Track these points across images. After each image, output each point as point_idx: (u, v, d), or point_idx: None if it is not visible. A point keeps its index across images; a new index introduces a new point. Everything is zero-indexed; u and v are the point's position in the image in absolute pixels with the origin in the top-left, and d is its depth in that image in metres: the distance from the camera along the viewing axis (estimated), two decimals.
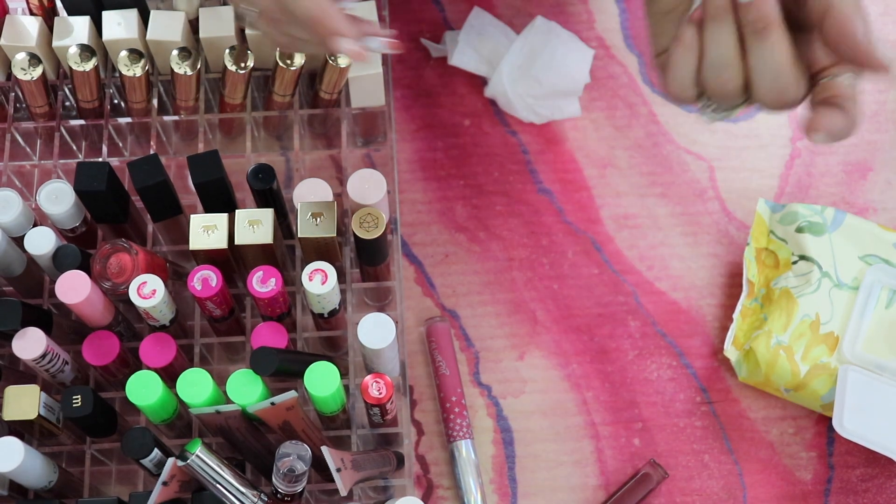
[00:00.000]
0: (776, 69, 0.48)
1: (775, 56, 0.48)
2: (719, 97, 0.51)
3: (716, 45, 0.49)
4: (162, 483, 0.53)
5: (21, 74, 0.64)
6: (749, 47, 0.48)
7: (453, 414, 0.67)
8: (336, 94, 0.69)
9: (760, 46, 0.48)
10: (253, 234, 0.60)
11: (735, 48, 0.49)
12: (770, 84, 0.49)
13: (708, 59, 0.49)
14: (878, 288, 0.67)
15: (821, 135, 0.48)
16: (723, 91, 0.50)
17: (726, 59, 0.49)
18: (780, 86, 0.49)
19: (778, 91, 0.49)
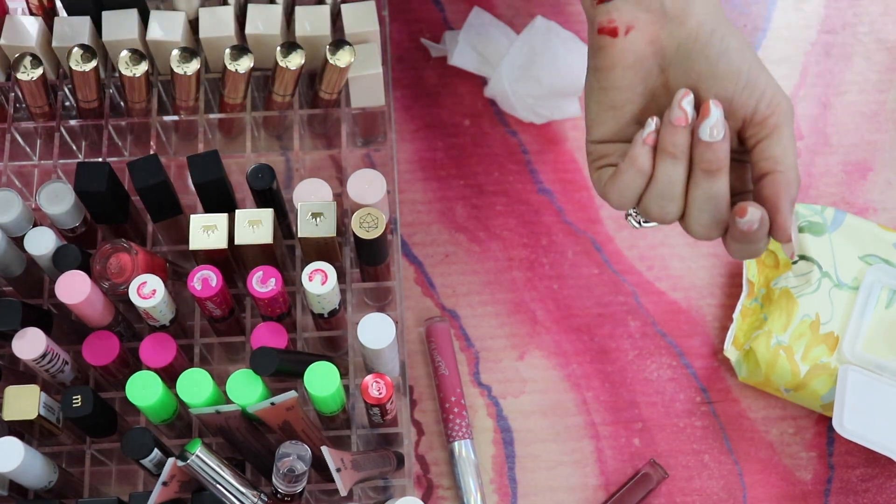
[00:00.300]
0: (715, 206, 0.50)
1: (718, 195, 0.49)
2: (654, 220, 0.52)
3: (667, 179, 0.50)
4: (162, 483, 0.53)
5: (21, 74, 0.64)
6: (695, 181, 0.50)
7: (453, 414, 0.67)
8: (336, 94, 0.69)
9: (707, 184, 0.49)
10: (253, 234, 0.60)
11: (684, 183, 0.50)
12: (706, 217, 0.50)
13: (656, 189, 0.50)
14: (878, 288, 0.67)
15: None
16: (660, 216, 0.51)
17: (674, 193, 0.50)
18: (714, 220, 0.50)
19: (710, 224, 0.51)
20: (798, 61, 0.80)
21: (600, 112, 0.52)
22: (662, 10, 0.50)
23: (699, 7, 0.50)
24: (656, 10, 0.50)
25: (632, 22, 0.50)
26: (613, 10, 0.50)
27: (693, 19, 0.50)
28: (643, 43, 0.50)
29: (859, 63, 0.80)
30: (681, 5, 0.50)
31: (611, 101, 0.51)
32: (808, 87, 0.79)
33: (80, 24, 0.68)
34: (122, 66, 0.65)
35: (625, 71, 0.50)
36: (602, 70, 0.51)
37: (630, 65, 0.50)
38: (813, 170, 0.76)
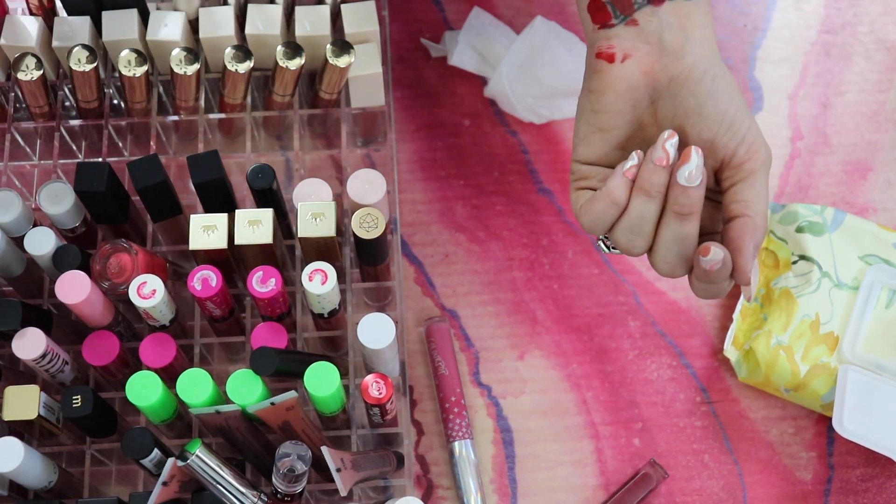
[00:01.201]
0: (682, 247, 0.51)
1: (686, 237, 0.51)
2: (622, 251, 0.53)
3: (639, 215, 0.51)
4: (162, 483, 0.53)
5: (21, 74, 0.64)
6: (666, 221, 0.51)
7: (453, 414, 0.67)
8: (336, 94, 0.69)
9: (677, 225, 0.50)
10: (253, 234, 0.60)
11: (655, 221, 0.51)
12: (672, 256, 0.51)
13: (628, 222, 0.51)
14: (878, 288, 0.67)
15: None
16: (628, 249, 0.52)
17: (645, 229, 0.51)
18: (680, 259, 0.51)
19: (676, 263, 0.52)
20: (798, 61, 0.80)
21: (588, 133, 0.53)
22: (661, 43, 0.51)
23: (696, 46, 0.51)
24: (655, 42, 0.51)
25: (630, 51, 0.51)
26: (614, 36, 0.52)
27: (689, 57, 0.51)
28: (638, 72, 0.51)
29: (859, 63, 0.80)
30: (679, 42, 0.51)
31: (600, 123, 0.52)
32: (808, 87, 0.79)
33: (80, 24, 0.68)
34: (122, 66, 0.65)
35: (617, 97, 0.52)
36: (595, 93, 0.52)
37: (622, 91, 0.51)
38: (813, 170, 0.76)
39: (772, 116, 0.78)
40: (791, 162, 0.76)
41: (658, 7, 0.51)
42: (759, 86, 0.79)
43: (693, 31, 0.51)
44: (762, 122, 0.78)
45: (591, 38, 0.53)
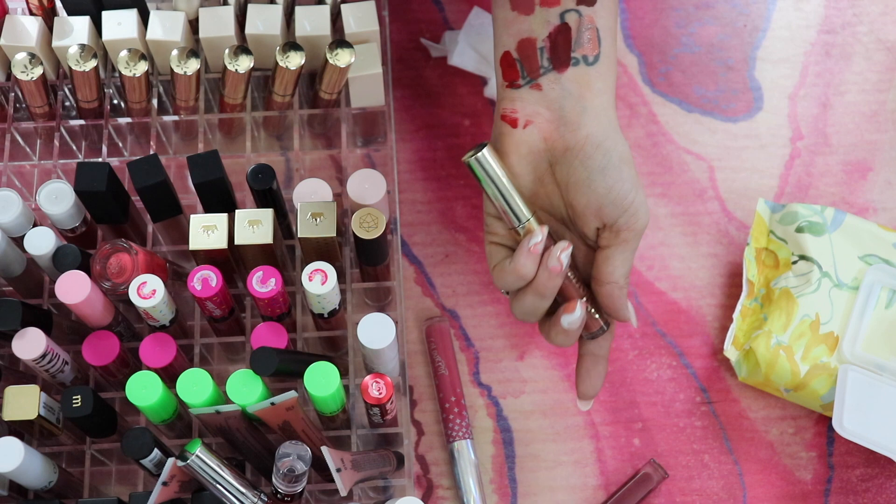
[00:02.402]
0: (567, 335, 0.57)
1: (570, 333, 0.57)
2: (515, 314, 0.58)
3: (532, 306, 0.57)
4: (162, 483, 0.53)
5: (21, 74, 0.64)
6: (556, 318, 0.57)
7: (453, 414, 0.67)
8: (336, 94, 0.69)
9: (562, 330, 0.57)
10: (253, 234, 0.60)
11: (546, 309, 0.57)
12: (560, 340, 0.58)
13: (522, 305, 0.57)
14: (878, 288, 0.67)
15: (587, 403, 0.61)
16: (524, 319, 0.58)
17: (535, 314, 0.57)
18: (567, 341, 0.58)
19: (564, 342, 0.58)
20: (798, 61, 0.80)
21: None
22: (561, 111, 0.54)
23: (592, 119, 0.54)
24: (556, 110, 0.55)
25: (532, 117, 0.55)
26: (518, 98, 0.55)
27: (584, 130, 0.54)
28: (538, 138, 0.55)
29: (859, 63, 0.80)
30: (577, 112, 0.54)
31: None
32: (808, 87, 0.79)
33: (80, 24, 0.68)
34: (122, 66, 0.65)
35: (519, 159, 0.55)
36: (500, 154, 0.56)
37: (524, 155, 0.55)
38: (813, 170, 0.76)
39: (772, 116, 0.78)
40: (791, 162, 0.76)
41: (562, 74, 0.55)
42: (759, 86, 0.79)
43: (592, 100, 0.54)
44: (762, 121, 0.78)
45: (500, 95, 0.57)
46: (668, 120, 0.78)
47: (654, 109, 0.78)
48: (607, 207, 0.54)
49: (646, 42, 0.81)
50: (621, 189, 0.54)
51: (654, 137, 0.77)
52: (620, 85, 0.79)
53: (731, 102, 0.79)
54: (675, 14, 0.82)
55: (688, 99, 0.79)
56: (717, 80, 0.79)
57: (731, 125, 0.78)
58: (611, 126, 0.55)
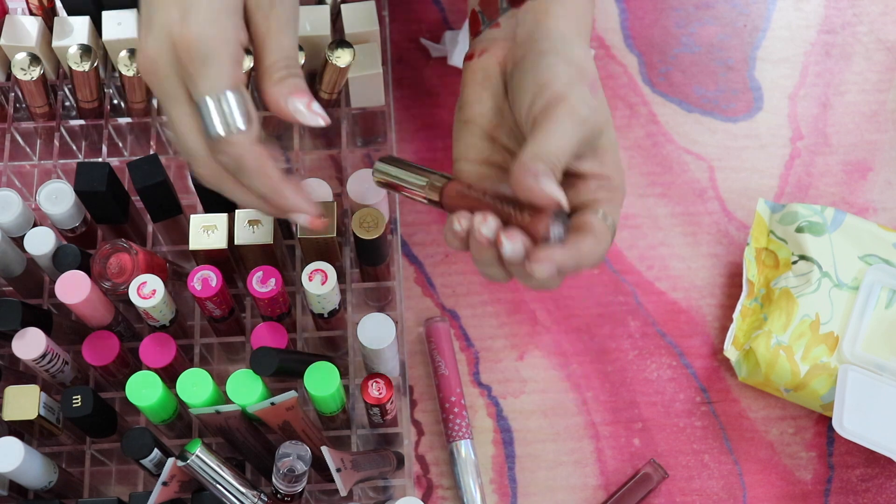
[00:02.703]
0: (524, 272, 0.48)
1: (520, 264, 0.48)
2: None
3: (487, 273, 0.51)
4: (162, 483, 0.53)
5: (21, 74, 0.64)
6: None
7: (453, 414, 0.67)
8: (336, 94, 0.69)
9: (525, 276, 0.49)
10: (253, 234, 0.60)
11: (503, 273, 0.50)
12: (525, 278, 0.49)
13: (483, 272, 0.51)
14: (878, 288, 0.67)
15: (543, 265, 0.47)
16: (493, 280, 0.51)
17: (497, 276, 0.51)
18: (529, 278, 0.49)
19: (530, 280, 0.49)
20: (798, 61, 0.80)
21: (458, 129, 0.55)
22: (514, 36, 0.54)
23: (544, 34, 0.52)
24: (510, 37, 0.54)
25: (487, 46, 0.54)
26: (478, 41, 0.56)
27: (533, 44, 0.52)
28: (493, 63, 0.54)
29: (859, 63, 0.80)
30: (529, 32, 0.53)
31: (465, 116, 0.54)
32: (808, 87, 0.79)
33: (80, 24, 0.68)
34: (122, 66, 0.65)
35: (474, 87, 0.54)
36: (462, 88, 0.55)
37: (479, 81, 0.54)
38: (813, 170, 0.76)
39: (772, 116, 0.78)
40: (791, 162, 0.76)
41: (517, 9, 0.54)
42: (759, 86, 0.79)
43: (546, 22, 0.53)
44: (762, 121, 0.78)
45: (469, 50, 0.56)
46: (668, 120, 0.78)
47: (654, 109, 0.78)
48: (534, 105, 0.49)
49: (646, 42, 0.81)
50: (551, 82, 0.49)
51: (654, 137, 0.77)
52: (620, 85, 0.79)
53: (731, 102, 0.79)
54: (675, 14, 0.82)
55: (688, 99, 0.79)
56: (717, 80, 0.79)
57: (731, 125, 0.78)
58: (565, 42, 0.51)
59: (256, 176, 0.49)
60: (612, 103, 0.78)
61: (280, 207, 0.50)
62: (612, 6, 0.82)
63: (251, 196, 0.50)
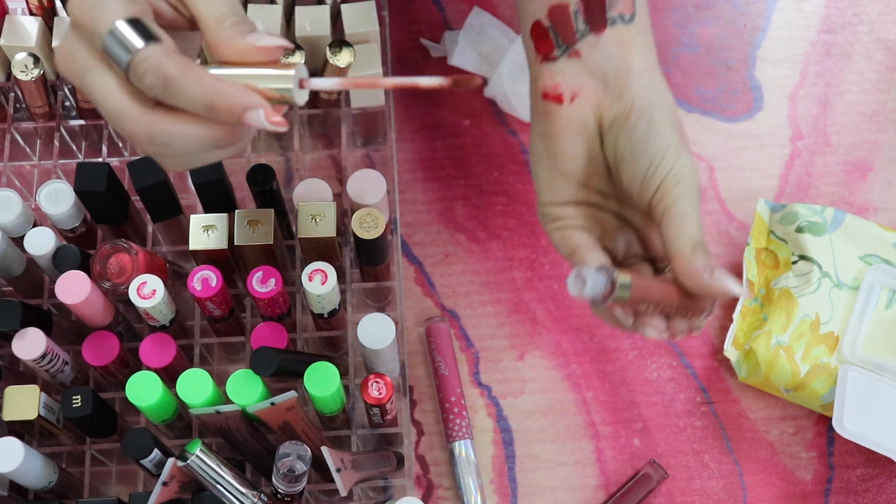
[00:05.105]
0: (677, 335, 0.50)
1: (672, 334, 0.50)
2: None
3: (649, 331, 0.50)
4: (162, 483, 0.53)
5: (21, 74, 0.64)
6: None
7: (453, 414, 0.67)
8: (336, 94, 0.69)
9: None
10: (253, 235, 0.60)
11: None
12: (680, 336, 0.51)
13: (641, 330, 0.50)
14: (878, 288, 0.67)
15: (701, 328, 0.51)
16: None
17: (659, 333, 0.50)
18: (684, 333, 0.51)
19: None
20: (798, 61, 0.80)
21: (551, 178, 0.52)
22: (605, 78, 0.50)
23: (636, 82, 0.50)
24: (599, 77, 0.50)
25: (577, 88, 0.50)
26: (558, 73, 0.50)
27: (628, 96, 0.50)
28: (588, 112, 0.50)
29: (859, 63, 0.80)
30: (622, 77, 0.50)
31: (560, 167, 0.51)
32: (808, 87, 0.79)
33: None
34: None
35: (572, 137, 0.50)
36: (549, 137, 0.51)
37: (577, 131, 0.50)
38: (813, 170, 0.76)
39: (772, 116, 0.78)
40: (791, 162, 0.76)
41: (600, 35, 0.50)
42: (759, 86, 0.79)
43: (634, 61, 0.50)
44: (762, 121, 0.78)
45: (534, 73, 0.52)
46: None
47: None
48: (651, 180, 0.49)
49: None
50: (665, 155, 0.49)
51: None
52: None
53: (731, 102, 0.79)
54: (675, 14, 0.82)
55: (688, 99, 0.79)
56: (717, 80, 0.79)
57: (731, 125, 0.78)
58: (656, 88, 0.50)
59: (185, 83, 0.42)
60: None
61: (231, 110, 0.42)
62: None
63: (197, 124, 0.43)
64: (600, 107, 0.50)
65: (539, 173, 0.52)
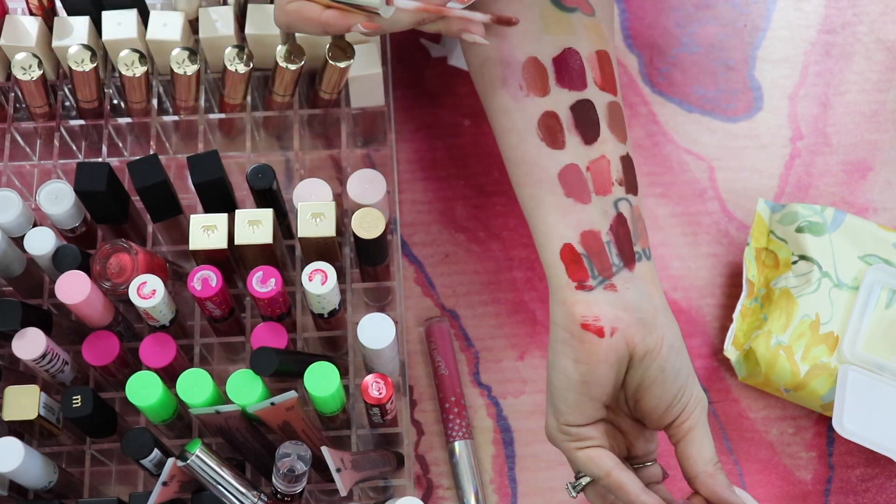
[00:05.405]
0: None
1: None
2: None
3: None
4: (162, 483, 0.53)
5: (21, 74, 0.64)
6: None
7: (452, 414, 0.67)
8: (336, 94, 0.69)
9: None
10: (253, 234, 0.60)
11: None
12: None
13: None
14: (878, 288, 0.67)
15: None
16: None
17: None
18: None
19: None
20: (798, 61, 0.80)
21: (581, 402, 0.53)
22: (640, 314, 0.52)
23: (663, 319, 0.52)
24: (634, 312, 0.52)
25: (616, 323, 0.51)
26: (594, 303, 0.52)
27: (659, 331, 0.52)
28: (624, 344, 0.51)
29: (859, 63, 0.80)
30: (651, 314, 0.52)
31: (591, 392, 0.52)
32: (808, 87, 0.79)
33: (80, 24, 0.68)
34: (122, 66, 0.65)
35: (608, 368, 0.52)
36: (586, 364, 0.52)
37: (612, 363, 0.52)
38: (813, 170, 0.76)
39: (772, 116, 0.78)
40: (791, 162, 0.76)
41: (632, 272, 0.53)
42: (759, 86, 0.79)
43: (655, 295, 0.53)
44: (762, 121, 0.78)
45: (566, 296, 0.52)
46: (668, 120, 0.78)
47: (654, 109, 0.78)
48: (675, 406, 0.53)
49: (646, 42, 0.81)
50: (685, 384, 0.53)
51: (654, 137, 0.77)
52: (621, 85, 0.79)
53: (731, 102, 0.79)
54: (675, 14, 0.82)
55: (688, 99, 0.79)
56: (717, 80, 0.80)
57: (731, 125, 0.78)
58: (673, 321, 0.53)
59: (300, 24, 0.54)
60: None
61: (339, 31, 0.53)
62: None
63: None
64: (634, 340, 0.51)
65: (567, 396, 0.53)
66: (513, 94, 0.55)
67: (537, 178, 0.54)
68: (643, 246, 0.54)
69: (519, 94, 0.55)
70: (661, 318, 0.52)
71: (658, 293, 0.53)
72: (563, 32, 0.55)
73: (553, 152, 0.54)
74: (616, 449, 0.55)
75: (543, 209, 0.54)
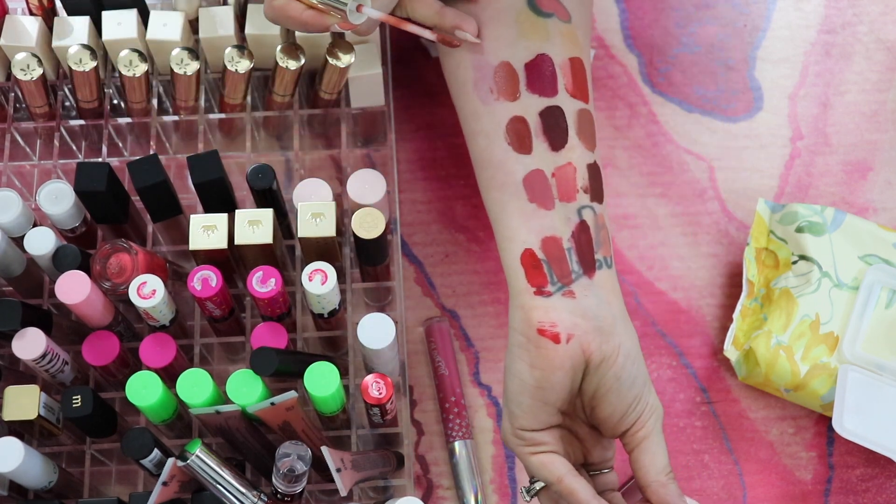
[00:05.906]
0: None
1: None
2: None
3: None
4: (162, 483, 0.53)
5: (21, 74, 0.64)
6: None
7: (452, 414, 0.67)
8: (336, 94, 0.69)
9: None
10: (253, 234, 0.60)
11: None
12: None
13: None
14: (878, 288, 0.67)
15: None
16: None
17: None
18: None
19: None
20: (798, 61, 0.80)
21: (535, 407, 0.53)
22: (597, 322, 0.52)
23: (621, 327, 0.52)
24: (592, 319, 0.52)
25: (573, 330, 0.51)
26: (552, 309, 0.52)
27: (616, 339, 0.52)
28: (580, 351, 0.52)
29: (859, 63, 0.80)
30: (609, 322, 0.52)
31: (546, 398, 0.52)
32: (808, 87, 0.79)
33: (80, 24, 0.68)
34: (122, 66, 0.65)
35: (564, 374, 0.52)
36: (541, 370, 0.52)
37: (568, 370, 0.52)
38: (813, 170, 0.76)
39: (772, 116, 0.78)
40: (791, 162, 0.76)
41: (592, 280, 0.53)
42: (759, 86, 0.79)
43: (614, 304, 0.53)
44: (762, 121, 0.78)
45: (524, 301, 0.52)
46: (668, 120, 0.78)
47: (654, 109, 0.78)
48: (631, 414, 0.53)
49: (646, 42, 0.81)
50: (640, 392, 0.53)
51: (654, 137, 0.77)
52: (620, 85, 0.79)
53: (731, 102, 0.79)
54: (675, 14, 0.82)
55: (688, 99, 0.79)
56: (717, 80, 0.80)
57: (731, 125, 0.78)
58: (631, 330, 0.53)
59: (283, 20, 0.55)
60: (612, 103, 0.78)
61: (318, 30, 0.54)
62: (612, 6, 0.82)
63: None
64: (591, 347, 0.52)
65: (522, 401, 0.53)
66: (483, 98, 0.56)
67: (503, 181, 0.54)
68: (605, 254, 0.54)
69: (489, 97, 0.55)
70: (619, 327, 0.52)
71: (617, 301, 0.53)
72: (537, 38, 0.55)
73: (520, 157, 0.54)
74: (572, 455, 0.55)
75: (507, 213, 0.54)
